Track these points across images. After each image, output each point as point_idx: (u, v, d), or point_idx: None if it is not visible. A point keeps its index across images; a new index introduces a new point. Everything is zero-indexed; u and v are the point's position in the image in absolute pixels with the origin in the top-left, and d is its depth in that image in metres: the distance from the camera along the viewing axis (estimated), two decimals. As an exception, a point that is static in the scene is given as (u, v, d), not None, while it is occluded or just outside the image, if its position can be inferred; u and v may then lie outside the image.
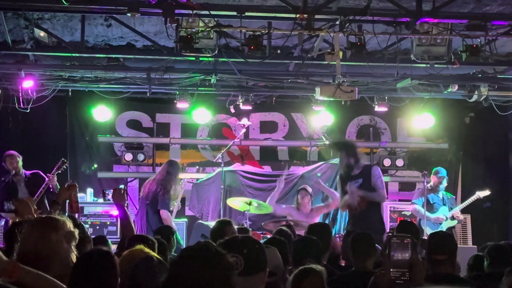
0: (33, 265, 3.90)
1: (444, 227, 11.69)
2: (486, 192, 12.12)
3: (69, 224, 4.25)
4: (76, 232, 4.25)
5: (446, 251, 5.84)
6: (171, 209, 11.17)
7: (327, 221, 12.33)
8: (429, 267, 5.96)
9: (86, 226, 11.60)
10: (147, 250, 4.72)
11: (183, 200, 14.18)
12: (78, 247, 4.31)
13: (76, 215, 11.61)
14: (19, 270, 3.64)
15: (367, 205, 10.29)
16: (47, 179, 10.86)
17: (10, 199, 10.58)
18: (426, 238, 8.11)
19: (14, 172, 11.35)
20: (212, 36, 9.65)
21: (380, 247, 6.93)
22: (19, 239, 4.16)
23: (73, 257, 4.16)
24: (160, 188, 11.15)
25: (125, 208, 6.52)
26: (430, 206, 11.83)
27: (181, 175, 14.11)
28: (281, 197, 12.65)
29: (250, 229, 10.55)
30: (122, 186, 12.19)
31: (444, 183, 12.06)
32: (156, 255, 4.72)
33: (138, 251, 4.69)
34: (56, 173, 10.93)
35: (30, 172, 11.47)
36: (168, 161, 11.85)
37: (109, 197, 12.38)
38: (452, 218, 11.95)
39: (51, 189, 10.81)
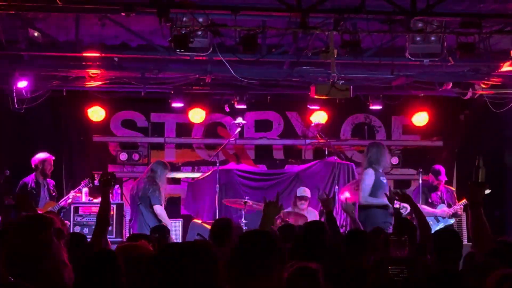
0: (25, 265, 3.89)
1: (441, 225, 11.69)
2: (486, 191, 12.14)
3: (57, 221, 4.25)
4: (65, 229, 4.24)
5: (453, 249, 5.91)
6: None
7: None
8: (436, 264, 5.99)
9: (81, 226, 11.69)
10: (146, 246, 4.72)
11: (178, 200, 14.22)
12: None
13: (72, 215, 11.74)
14: None
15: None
16: (72, 192, 11.42)
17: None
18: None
19: (44, 176, 11.38)
20: (206, 35, 9.65)
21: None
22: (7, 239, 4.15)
23: (64, 254, 4.15)
24: (147, 185, 11.20)
25: (108, 194, 6.49)
26: (428, 205, 11.85)
27: (177, 175, 14.19)
28: (274, 197, 12.66)
29: (246, 228, 10.57)
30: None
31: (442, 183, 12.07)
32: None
33: (140, 245, 4.69)
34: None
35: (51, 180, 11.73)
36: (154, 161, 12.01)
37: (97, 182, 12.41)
38: (451, 216, 11.96)
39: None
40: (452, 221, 12.00)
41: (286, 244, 5.86)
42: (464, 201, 11.94)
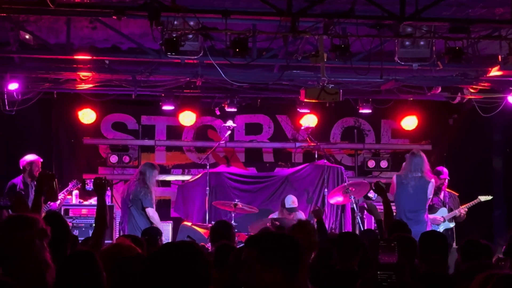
0: (5, 264, 3.91)
1: (441, 228, 11.73)
2: (487, 197, 12.24)
3: (41, 221, 4.25)
4: (49, 229, 4.24)
5: (439, 251, 5.95)
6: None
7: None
8: (422, 266, 6.04)
9: (72, 228, 11.68)
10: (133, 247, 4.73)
11: (168, 202, 14.25)
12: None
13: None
14: None
15: None
16: (61, 194, 11.22)
17: None
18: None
19: (32, 177, 11.35)
20: (197, 39, 9.70)
21: None
22: None
23: (46, 254, 4.16)
24: (138, 188, 11.23)
25: (104, 197, 6.54)
26: (429, 207, 11.84)
27: (167, 177, 14.22)
28: (264, 200, 12.75)
29: (236, 230, 10.61)
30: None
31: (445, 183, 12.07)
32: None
33: (127, 246, 4.70)
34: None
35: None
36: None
37: (89, 186, 12.42)
38: (451, 220, 12.01)
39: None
40: (452, 224, 12.03)
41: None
42: (468, 204, 12.01)
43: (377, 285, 4.21)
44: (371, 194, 11.97)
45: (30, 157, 11.45)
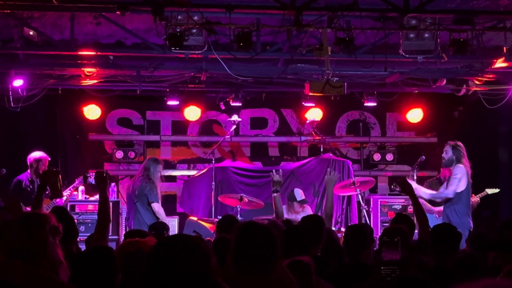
0: (22, 262, 3.92)
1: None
2: (495, 190, 12.22)
3: (53, 219, 4.26)
4: (61, 226, 4.26)
5: (450, 244, 5.94)
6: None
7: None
8: (433, 258, 6.02)
9: (78, 224, 11.68)
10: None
11: (174, 197, 14.26)
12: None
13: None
14: None
15: None
16: (67, 190, 11.40)
17: (25, 201, 10.51)
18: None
19: (37, 175, 11.34)
20: (201, 33, 9.69)
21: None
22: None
23: (59, 251, 4.18)
24: (144, 183, 11.22)
25: (106, 191, 6.55)
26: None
27: (173, 172, 14.23)
28: (270, 194, 12.71)
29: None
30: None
31: None
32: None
33: (136, 242, 4.70)
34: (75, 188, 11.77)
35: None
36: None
37: (91, 179, 12.43)
38: None
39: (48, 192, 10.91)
40: None
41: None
42: (480, 194, 11.98)
43: (381, 280, 4.21)
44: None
45: (37, 154, 11.47)
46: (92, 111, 13.64)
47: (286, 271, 4.14)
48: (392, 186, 12.30)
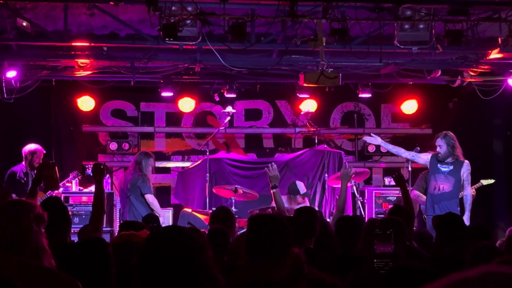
0: (5, 250, 3.90)
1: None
2: (490, 180, 12.22)
3: (38, 207, 4.24)
4: (45, 215, 4.22)
5: (462, 234, 6.00)
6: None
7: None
8: (446, 249, 6.04)
9: (72, 216, 11.65)
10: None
11: (168, 189, 14.24)
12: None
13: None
14: None
15: None
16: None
17: (19, 193, 10.48)
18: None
19: (31, 167, 11.29)
20: (195, 24, 9.65)
21: None
22: None
23: (43, 240, 4.15)
24: (136, 176, 11.21)
25: (102, 183, 6.54)
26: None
27: (167, 164, 14.21)
28: (264, 186, 12.68)
29: (237, 216, 10.58)
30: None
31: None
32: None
33: (132, 235, 4.68)
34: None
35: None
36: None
37: (89, 171, 12.40)
38: None
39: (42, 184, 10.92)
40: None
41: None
42: (475, 185, 11.99)
43: (374, 273, 4.20)
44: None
45: (32, 146, 11.44)
46: (86, 103, 13.60)
47: (299, 258, 4.18)
48: (387, 180, 12.27)
